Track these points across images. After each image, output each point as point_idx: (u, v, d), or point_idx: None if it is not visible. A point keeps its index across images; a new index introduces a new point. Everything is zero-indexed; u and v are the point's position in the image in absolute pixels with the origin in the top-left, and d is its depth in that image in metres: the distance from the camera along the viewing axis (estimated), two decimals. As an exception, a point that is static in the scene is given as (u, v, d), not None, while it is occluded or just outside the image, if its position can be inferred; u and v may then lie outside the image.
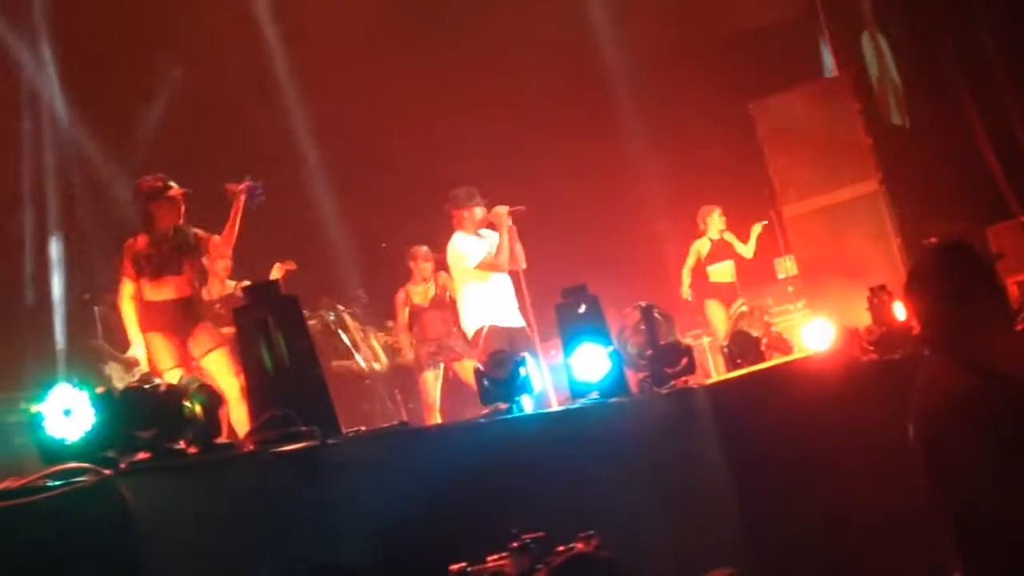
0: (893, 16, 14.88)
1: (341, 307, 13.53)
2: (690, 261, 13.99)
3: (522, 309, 10.19)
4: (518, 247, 10.18)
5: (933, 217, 12.89)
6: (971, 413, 3.95)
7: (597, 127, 15.63)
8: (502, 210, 10.14)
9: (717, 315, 13.42)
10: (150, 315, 8.80)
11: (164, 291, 8.80)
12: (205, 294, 10.35)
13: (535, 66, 15.85)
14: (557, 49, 15.80)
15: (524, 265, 10.22)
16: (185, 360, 8.73)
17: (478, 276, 10.27)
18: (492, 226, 10.27)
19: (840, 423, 7.52)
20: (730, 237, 13.93)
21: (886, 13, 14.83)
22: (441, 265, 11.38)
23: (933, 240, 12.14)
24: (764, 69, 14.43)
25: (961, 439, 3.97)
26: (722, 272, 13.84)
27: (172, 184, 9.00)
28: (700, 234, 14.00)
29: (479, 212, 10.33)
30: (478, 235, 10.37)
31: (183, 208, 9.05)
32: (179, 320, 8.81)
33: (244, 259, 10.53)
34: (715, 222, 13.88)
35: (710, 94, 14.87)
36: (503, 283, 10.32)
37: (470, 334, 10.47)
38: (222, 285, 11.23)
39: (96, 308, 11.97)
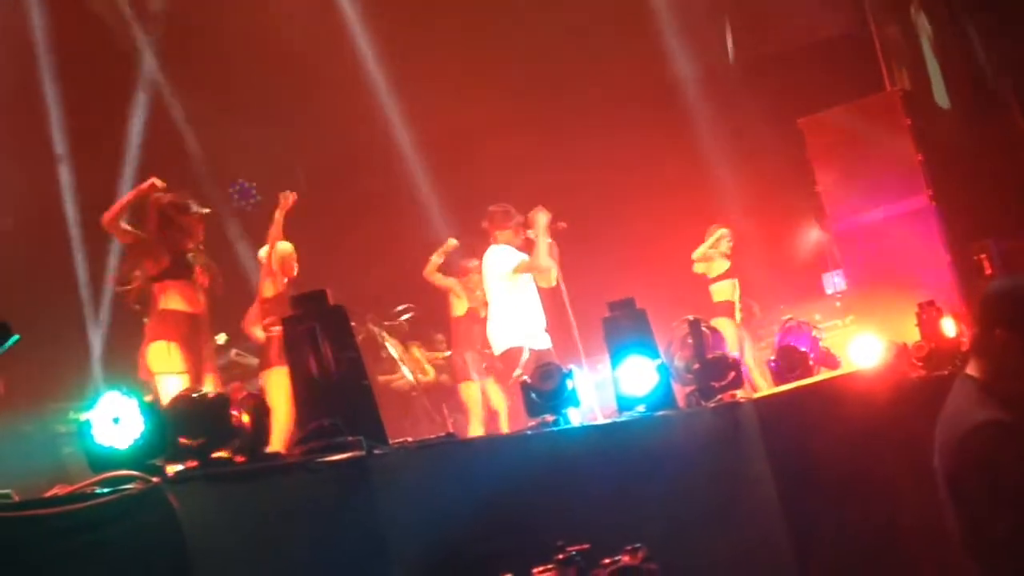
0: (948, 38, 14.84)
1: (387, 322, 13.53)
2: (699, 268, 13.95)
3: (565, 323, 10.13)
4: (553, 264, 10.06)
5: (982, 234, 12.79)
6: (982, 445, 3.93)
7: (647, 139, 15.57)
8: (542, 217, 10.05)
9: (728, 331, 13.15)
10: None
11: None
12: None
13: (592, 76, 15.88)
14: (615, 59, 15.80)
15: (554, 283, 10.10)
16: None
17: (511, 291, 10.19)
18: (528, 242, 10.18)
19: (888, 439, 7.47)
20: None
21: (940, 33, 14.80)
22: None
23: (983, 256, 12.11)
24: (818, 84, 14.39)
25: (967, 468, 3.96)
26: (723, 291, 13.74)
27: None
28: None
29: (513, 231, 10.29)
30: (515, 249, 10.33)
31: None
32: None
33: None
34: (723, 243, 13.83)
35: (762, 108, 14.87)
36: (534, 302, 10.25)
37: (499, 350, 10.37)
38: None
39: (144, 319, 11.98)
